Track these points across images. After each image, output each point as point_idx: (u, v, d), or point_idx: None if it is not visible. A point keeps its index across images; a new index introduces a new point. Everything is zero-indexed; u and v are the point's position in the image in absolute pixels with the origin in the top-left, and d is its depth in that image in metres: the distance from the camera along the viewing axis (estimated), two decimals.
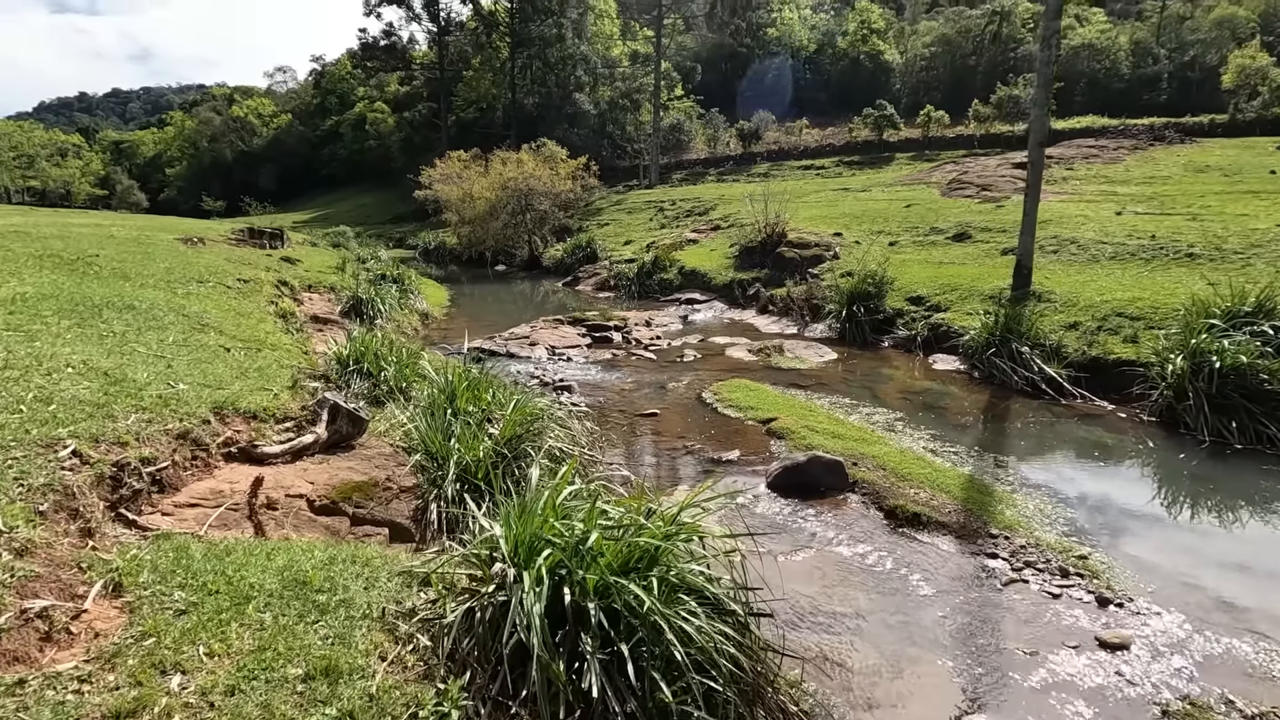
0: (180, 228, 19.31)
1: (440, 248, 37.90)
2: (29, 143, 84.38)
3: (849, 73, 77.01)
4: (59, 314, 6.79)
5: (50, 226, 14.43)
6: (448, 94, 64.20)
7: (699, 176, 55.01)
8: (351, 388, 7.20)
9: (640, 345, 13.76)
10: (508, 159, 29.49)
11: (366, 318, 13.37)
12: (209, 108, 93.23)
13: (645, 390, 10.39)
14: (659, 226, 31.44)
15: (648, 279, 20.90)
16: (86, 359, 5.09)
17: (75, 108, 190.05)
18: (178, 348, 6.53)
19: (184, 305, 8.74)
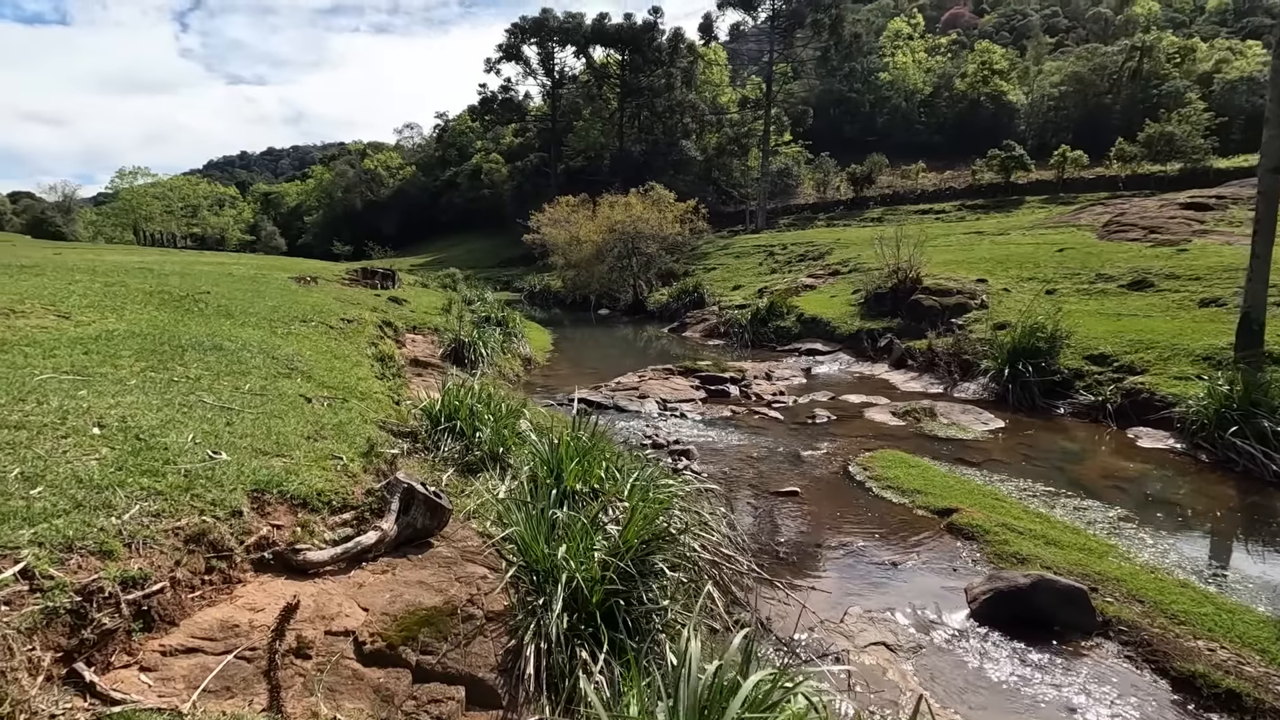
0: (299, 267, 19.74)
1: (545, 291, 38.00)
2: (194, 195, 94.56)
3: (968, 114, 73.37)
4: (137, 355, 6.11)
5: (177, 265, 14.80)
6: (558, 143, 66.22)
7: (807, 221, 53.18)
8: (441, 450, 6.05)
9: (762, 401, 12.13)
10: (615, 202, 29.07)
11: (468, 362, 12.56)
12: (344, 161, 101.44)
13: (777, 459, 8.74)
14: (769, 271, 29.86)
15: (762, 326, 19.28)
16: (128, 415, 4.15)
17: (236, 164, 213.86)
18: (249, 398, 5.63)
19: (277, 346, 8.06)
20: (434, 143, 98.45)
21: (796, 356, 16.97)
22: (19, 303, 7.31)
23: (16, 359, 5.16)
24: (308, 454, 4.50)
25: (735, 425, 10.53)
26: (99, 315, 7.61)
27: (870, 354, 16.23)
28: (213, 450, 3.86)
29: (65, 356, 5.51)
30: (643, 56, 58.62)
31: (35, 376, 4.69)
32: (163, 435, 3.95)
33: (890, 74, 78.52)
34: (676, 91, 57.33)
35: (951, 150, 71.33)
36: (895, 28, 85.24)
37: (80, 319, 7.26)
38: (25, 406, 3.91)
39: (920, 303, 16.60)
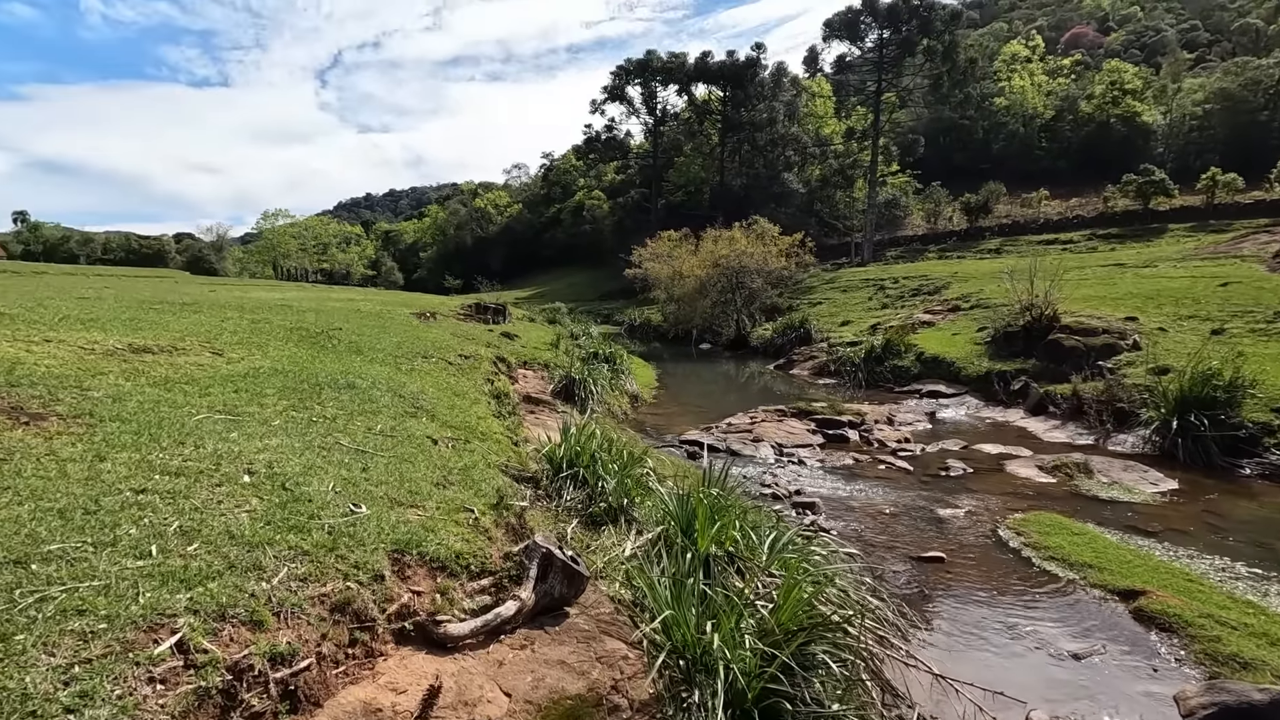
0: (418, 303, 20.70)
1: (645, 324, 38.18)
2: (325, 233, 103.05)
3: (1095, 138, 68.43)
4: (281, 393, 6.34)
5: (312, 301, 15.82)
6: (658, 179, 67.29)
7: (917, 253, 50.91)
8: (564, 499, 5.85)
9: (886, 449, 11.30)
10: (719, 236, 28.85)
11: (578, 399, 12.52)
12: (457, 201, 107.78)
13: (913, 517, 7.98)
14: (880, 306, 28.56)
15: (877, 365, 18.26)
16: (274, 460, 4.19)
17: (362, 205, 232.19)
18: (382, 439, 5.66)
19: (403, 384, 8.24)
20: (539, 181, 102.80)
21: (917, 399, 15.87)
22: (181, 340, 7.86)
23: (178, 397, 5.42)
24: (440, 505, 4.39)
25: (859, 475, 9.80)
26: (247, 352, 8.06)
27: (1002, 398, 14.92)
28: (353, 502, 3.79)
29: (218, 395, 5.76)
30: (745, 92, 58.81)
31: (193, 417, 4.87)
32: (306, 483, 3.93)
33: (1007, 98, 74.73)
34: (779, 125, 56.96)
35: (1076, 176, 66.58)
36: (1011, 51, 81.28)
37: (231, 355, 7.69)
38: (184, 450, 4.01)
39: (1059, 343, 15.15)
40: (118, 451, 3.77)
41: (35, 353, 5.84)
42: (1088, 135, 69.42)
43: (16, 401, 4.40)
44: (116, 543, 2.75)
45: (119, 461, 3.61)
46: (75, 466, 3.44)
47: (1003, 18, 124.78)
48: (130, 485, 3.32)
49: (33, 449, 3.60)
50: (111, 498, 3.14)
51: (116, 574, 2.53)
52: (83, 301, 10.55)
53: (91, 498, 3.09)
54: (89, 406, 4.55)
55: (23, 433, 3.83)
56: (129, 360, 6.37)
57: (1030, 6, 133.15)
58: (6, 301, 9.14)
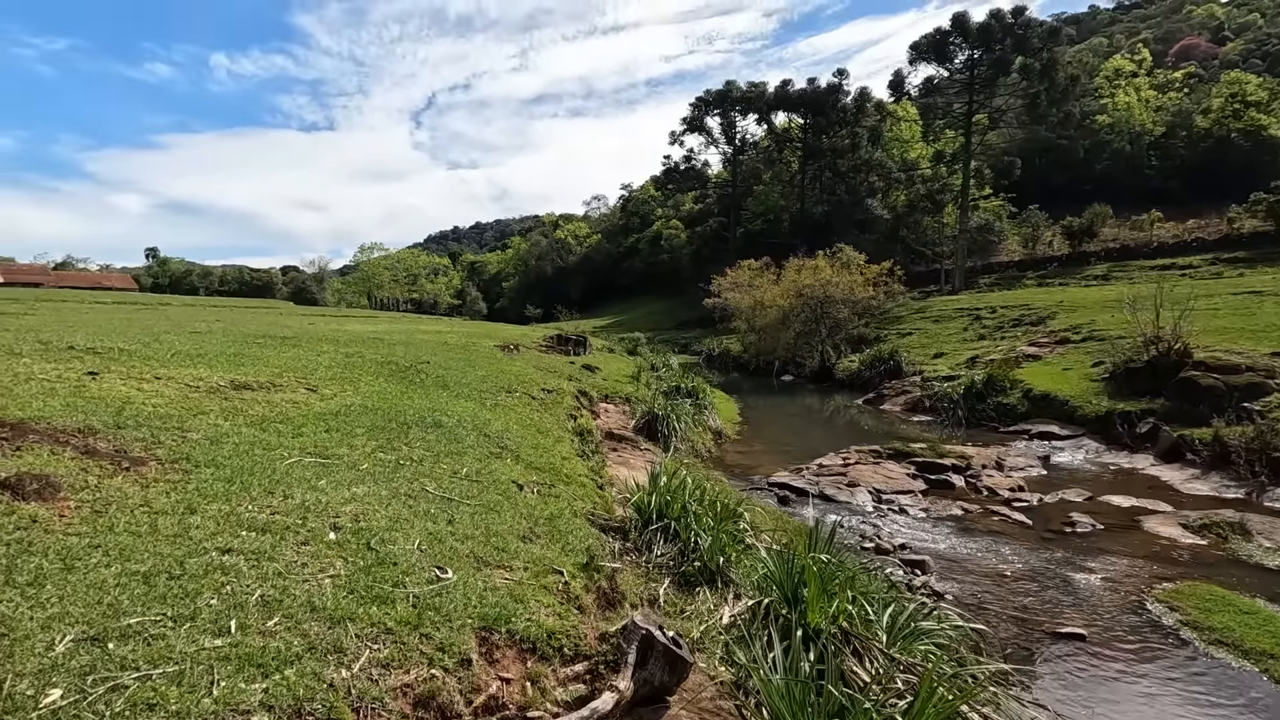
0: (501, 335, 21.02)
1: (724, 354, 37.57)
2: (415, 265, 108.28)
3: (1213, 155, 63.25)
4: (370, 432, 6.30)
5: (402, 334, 16.26)
6: (737, 208, 66.96)
7: (1013, 281, 48.12)
8: (654, 553, 5.47)
9: (997, 498, 10.32)
10: (802, 266, 28.10)
11: (661, 435, 12.16)
12: (538, 232, 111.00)
13: (1039, 582, 7.10)
14: (977, 338, 26.93)
15: (979, 402, 17.02)
16: (361, 513, 4.03)
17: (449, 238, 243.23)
18: (467, 485, 5.47)
19: (488, 421, 8.13)
20: (618, 212, 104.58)
21: (1026, 441, 14.60)
22: (279, 376, 8.05)
23: (272, 438, 5.42)
24: (528, 565, 4.09)
25: (970, 529, 8.92)
26: (340, 388, 8.17)
27: (1126, 442, 13.50)
28: (439, 565, 3.54)
29: (310, 435, 5.74)
30: (826, 118, 57.92)
31: (284, 460, 4.82)
32: (391, 540, 3.72)
33: (1110, 116, 70.37)
34: (862, 150, 55.65)
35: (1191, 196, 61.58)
36: (1115, 66, 76.80)
37: (325, 391, 7.80)
38: (273, 501, 3.90)
39: (1194, 381, 13.62)
40: (208, 502, 3.68)
41: (145, 390, 6.02)
42: (1204, 152, 64.32)
43: (121, 444, 4.44)
44: (196, 616, 2.57)
45: (208, 515, 3.51)
46: (166, 520, 3.35)
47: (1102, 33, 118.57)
48: (217, 544, 3.19)
49: (129, 499, 3.55)
50: (197, 559, 3.00)
51: (193, 656, 2.33)
52: (194, 336, 11.13)
53: (177, 559, 2.96)
54: (187, 450, 4.55)
55: (122, 480, 3.81)
56: (229, 398, 6.50)
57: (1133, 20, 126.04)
58: (129, 337, 9.71)
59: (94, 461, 4.00)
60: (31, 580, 2.58)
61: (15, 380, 5.65)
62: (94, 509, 3.34)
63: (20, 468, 3.61)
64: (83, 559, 2.81)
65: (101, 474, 3.84)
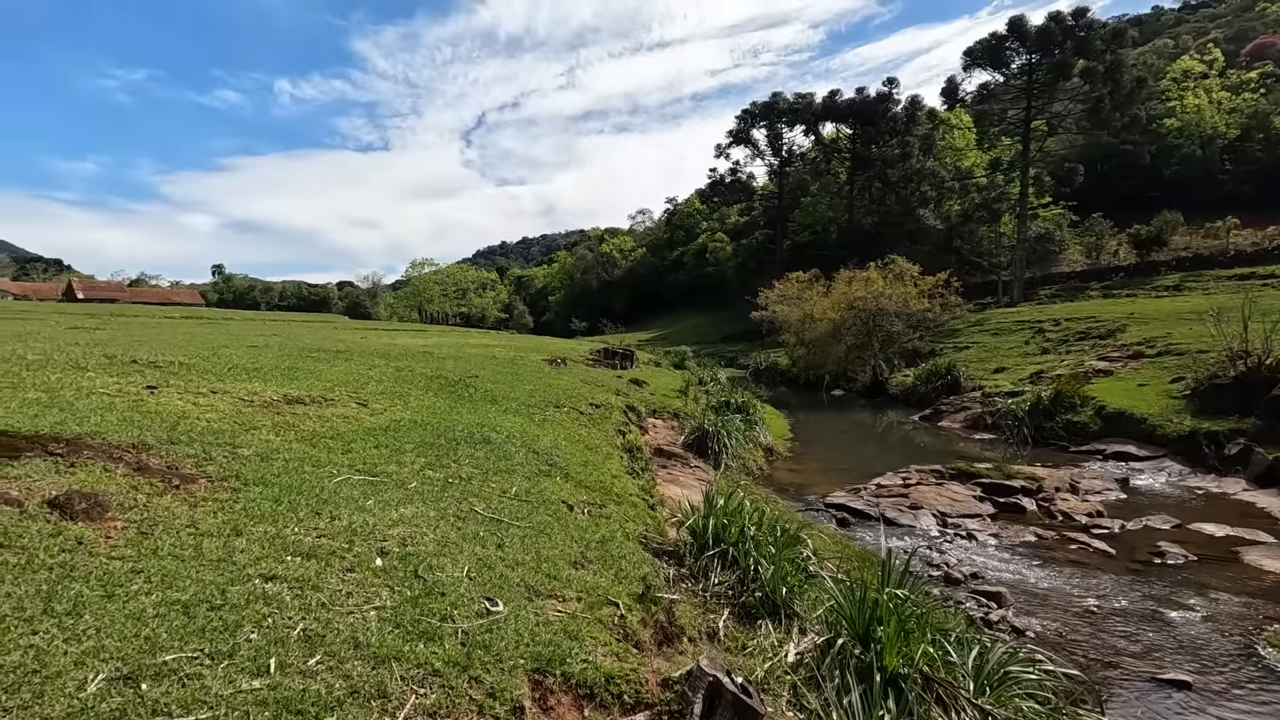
0: (549, 348, 21.02)
1: (771, 368, 36.92)
2: (464, 279, 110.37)
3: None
4: (419, 449, 6.19)
5: (451, 348, 16.36)
6: (783, 220, 66.22)
7: (1076, 292, 46.06)
8: (710, 580, 5.16)
9: (1073, 524, 9.64)
10: (854, 278, 27.40)
11: (711, 452, 11.83)
12: (584, 246, 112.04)
13: (1130, 620, 6.51)
14: (1040, 351, 25.74)
15: (1046, 420, 16.13)
16: (409, 536, 3.87)
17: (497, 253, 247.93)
18: (517, 505, 5.29)
19: (537, 437, 7.96)
20: (663, 226, 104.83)
21: (1100, 461, 13.73)
22: (331, 390, 8.07)
23: (322, 454, 5.34)
24: (581, 594, 3.85)
25: (1047, 557, 8.32)
26: (390, 403, 8.13)
27: (1213, 464, 12.55)
28: (488, 597, 3.33)
29: (360, 451, 5.65)
30: (876, 128, 56.90)
31: (333, 479, 4.71)
32: (440, 567, 3.54)
33: (1179, 119, 67.18)
34: (913, 160, 54.38)
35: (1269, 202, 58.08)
36: (1183, 67, 73.38)
37: (375, 406, 7.77)
38: (320, 523, 3.76)
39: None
40: (255, 524, 3.56)
41: (200, 405, 6.04)
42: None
43: (174, 461, 4.40)
44: (235, 652, 2.41)
45: (254, 537, 3.38)
46: (211, 543, 3.23)
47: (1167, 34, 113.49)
48: (261, 570, 3.05)
49: (176, 519, 3.46)
50: (239, 587, 2.86)
51: (229, 700, 2.16)
52: (251, 350, 11.34)
53: (219, 587, 2.82)
54: (237, 467, 4.48)
55: (171, 498, 3.73)
56: (281, 413, 6.49)
57: (1201, 19, 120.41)
58: (189, 351, 9.94)
59: (145, 479, 3.94)
60: (70, 609, 2.47)
61: (78, 394, 5.73)
62: (140, 530, 3.25)
63: (72, 485, 3.55)
64: (124, 585, 2.69)
65: (151, 492, 3.77)
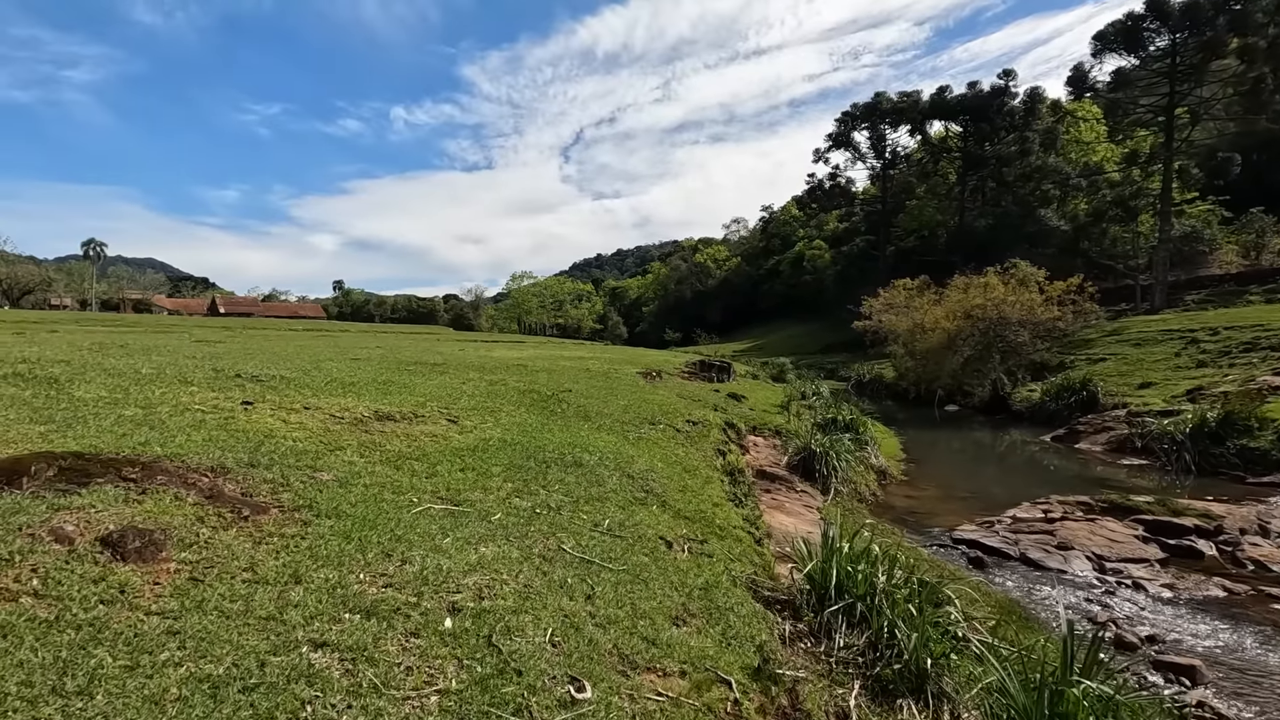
0: (643, 360, 20.57)
1: (876, 381, 34.88)
2: (560, 291, 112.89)
3: None
4: (507, 472, 5.76)
5: (545, 360, 16.19)
6: (886, 225, 63.10)
7: (1231, 296, 40.85)
8: (835, 642, 4.36)
9: (1270, 575, 7.99)
10: (970, 284, 25.30)
11: (819, 474, 10.87)
12: (678, 257, 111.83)
13: None
14: (1194, 365, 22.69)
15: (1215, 444, 13.93)
16: (486, 586, 3.36)
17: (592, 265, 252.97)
18: (610, 542, 4.72)
19: (631, 459, 7.40)
20: (758, 234, 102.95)
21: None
22: (423, 405, 7.86)
23: (404, 478, 4.99)
24: (683, 663, 3.21)
25: (1241, 618, 6.83)
26: (480, 419, 7.82)
27: None
28: (573, 677, 2.73)
29: (445, 475, 5.28)
30: (990, 124, 53.15)
31: (412, 508, 4.31)
32: (518, 629, 2.99)
33: None
34: (1033, 156, 50.27)
35: None
36: None
37: (465, 423, 7.47)
38: (389, 567, 3.32)
39: None
40: (318, 568, 3.15)
41: (289, 423, 5.88)
42: None
43: (249, 487, 4.12)
44: None
45: (313, 586, 2.96)
46: (265, 594, 2.83)
47: None
48: (312, 633, 2.59)
49: (235, 559, 3.10)
50: (283, 657, 2.41)
51: None
52: (353, 363, 11.50)
53: (260, 658, 2.38)
54: (313, 495, 4.15)
55: (235, 533, 3.40)
56: (370, 430, 6.25)
57: None
58: (294, 365, 10.13)
59: (214, 508, 3.64)
60: (84, 686, 2.08)
61: (174, 411, 5.69)
62: (193, 575, 2.90)
63: (134, 517, 3.28)
64: (152, 653, 2.29)
65: (218, 525, 3.46)
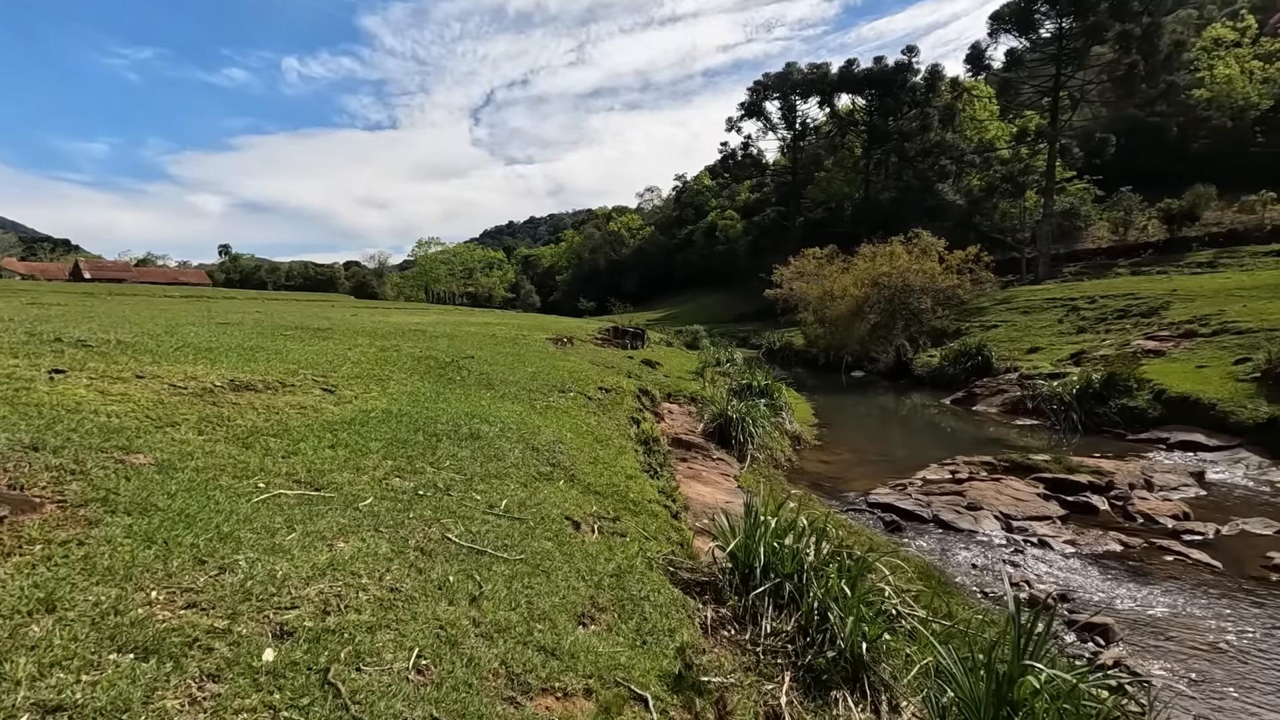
0: (554, 327, 19.72)
1: (785, 348, 35.50)
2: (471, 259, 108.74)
3: None
4: (388, 448, 4.94)
5: (448, 326, 15.07)
6: (797, 196, 64.23)
7: (1103, 269, 44.26)
8: (761, 628, 3.90)
9: (1158, 527, 8.33)
10: (877, 252, 25.86)
11: (735, 441, 10.56)
12: (592, 225, 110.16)
13: (1274, 662, 5.22)
14: (1076, 330, 24.22)
15: (1099, 404, 14.74)
16: (335, 595, 2.61)
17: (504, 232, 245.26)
18: (508, 526, 4.05)
19: (538, 429, 6.71)
20: (671, 203, 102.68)
21: (1164, 451, 12.37)
22: (294, 373, 6.81)
23: (253, 459, 4.09)
24: (589, 676, 2.61)
25: (1141, 571, 7.01)
26: (364, 388, 6.88)
27: None
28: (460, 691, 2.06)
29: (308, 454, 4.41)
30: (894, 99, 54.69)
31: (255, 497, 3.46)
32: (370, 655, 2.28)
33: (1209, 89, 64.36)
34: (933, 132, 52.27)
35: None
36: (1214, 35, 70.30)
37: (345, 393, 6.52)
38: (198, 579, 2.51)
39: None
40: (87, 587, 2.30)
41: (109, 395, 4.80)
42: None
43: (23, 476, 3.15)
44: None
45: (69, 617, 2.13)
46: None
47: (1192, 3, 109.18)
48: (42, 694, 1.78)
49: None
50: None
51: None
52: (220, 327, 10.11)
53: None
54: (113, 485, 3.23)
55: None
56: (219, 403, 5.24)
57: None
58: (143, 329, 8.70)
59: None
60: None
61: None
62: None
63: None
64: None
65: None
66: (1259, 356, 14.39)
